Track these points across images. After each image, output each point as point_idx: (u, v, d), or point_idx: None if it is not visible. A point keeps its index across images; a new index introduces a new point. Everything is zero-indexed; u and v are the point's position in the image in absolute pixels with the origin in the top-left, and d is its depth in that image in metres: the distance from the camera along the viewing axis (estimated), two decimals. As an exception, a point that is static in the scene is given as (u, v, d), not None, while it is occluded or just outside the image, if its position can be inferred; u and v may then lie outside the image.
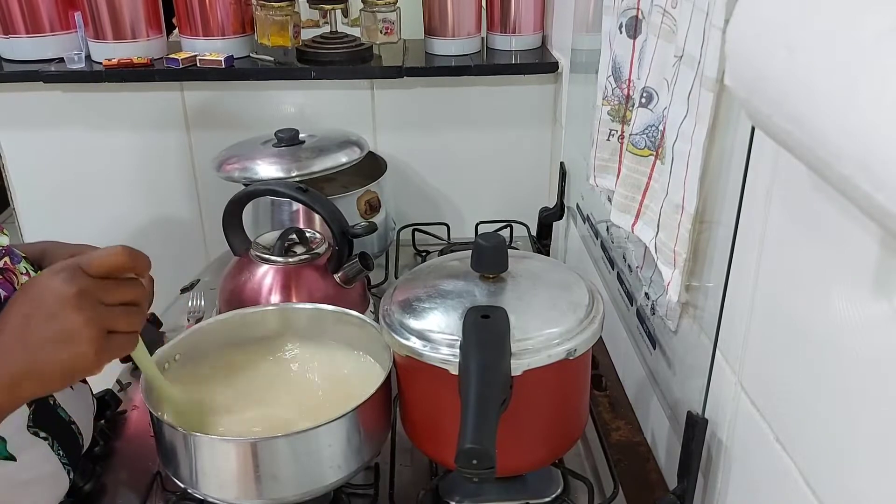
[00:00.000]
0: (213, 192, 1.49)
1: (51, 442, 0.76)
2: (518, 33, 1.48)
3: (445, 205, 1.59)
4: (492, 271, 0.78)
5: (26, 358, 0.61)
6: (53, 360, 0.61)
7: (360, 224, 1.05)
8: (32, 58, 1.43)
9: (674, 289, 0.77)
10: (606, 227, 1.09)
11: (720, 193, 0.69)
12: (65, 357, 0.60)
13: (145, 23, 1.42)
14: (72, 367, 0.61)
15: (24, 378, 0.61)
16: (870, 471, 0.49)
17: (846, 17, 0.35)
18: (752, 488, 0.66)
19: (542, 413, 0.76)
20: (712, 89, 0.66)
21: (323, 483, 0.73)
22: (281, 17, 1.41)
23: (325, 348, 0.88)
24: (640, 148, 0.84)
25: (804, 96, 0.38)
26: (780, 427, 0.60)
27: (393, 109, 1.50)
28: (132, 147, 1.51)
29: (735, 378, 0.68)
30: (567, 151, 1.38)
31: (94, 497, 0.84)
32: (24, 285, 0.64)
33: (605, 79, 0.95)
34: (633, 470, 0.90)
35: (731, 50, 0.46)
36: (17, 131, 1.49)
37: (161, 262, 0.85)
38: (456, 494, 0.81)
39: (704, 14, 0.66)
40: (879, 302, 0.46)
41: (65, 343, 0.60)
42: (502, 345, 0.69)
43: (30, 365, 0.61)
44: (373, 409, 0.75)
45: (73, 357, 0.61)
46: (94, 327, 0.61)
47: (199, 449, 0.71)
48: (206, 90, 1.47)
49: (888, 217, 0.35)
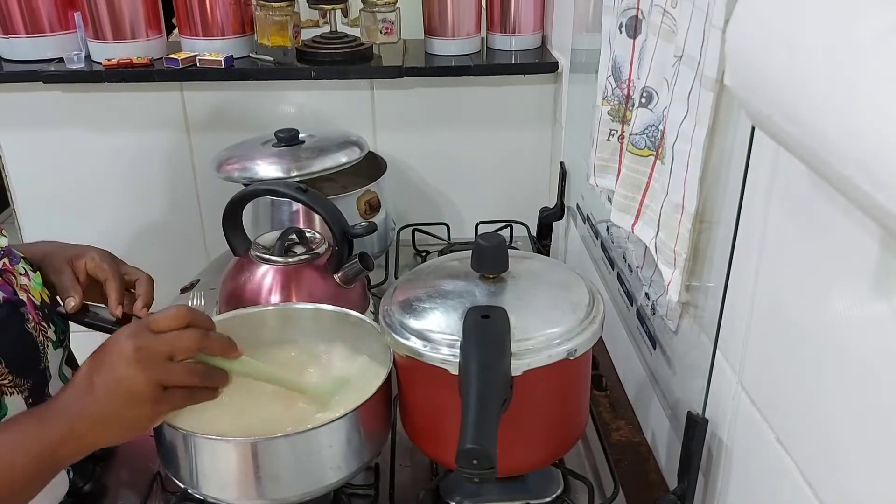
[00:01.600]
0: (213, 192, 1.49)
1: (51, 442, 0.77)
2: (518, 33, 1.48)
3: (445, 205, 1.59)
4: (492, 271, 0.78)
5: (92, 412, 0.65)
6: (117, 415, 0.65)
7: (360, 224, 1.04)
8: (32, 58, 1.43)
9: (674, 289, 0.77)
10: (606, 227, 1.09)
11: (720, 193, 0.69)
12: (128, 414, 0.66)
13: (145, 23, 1.42)
14: (134, 420, 0.66)
15: (90, 430, 0.66)
16: (870, 471, 0.49)
17: (846, 18, 0.35)
18: (753, 488, 0.66)
19: (542, 413, 0.76)
20: (712, 89, 0.66)
21: (323, 483, 0.73)
22: (281, 17, 1.41)
23: (325, 348, 0.88)
24: (640, 148, 0.84)
25: (804, 96, 0.38)
26: (780, 427, 0.60)
27: (393, 109, 1.50)
28: (132, 147, 1.51)
29: (735, 378, 0.68)
30: (567, 151, 1.38)
31: (94, 497, 0.84)
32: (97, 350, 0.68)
33: (605, 79, 0.95)
34: (633, 470, 0.90)
35: (731, 50, 0.46)
36: (17, 131, 1.49)
37: (161, 262, 0.85)
38: (456, 494, 0.81)
39: (704, 14, 0.66)
40: (879, 302, 0.46)
41: (127, 402, 0.65)
42: (502, 345, 0.69)
43: (94, 418, 0.65)
44: (373, 409, 0.75)
45: (133, 411, 0.66)
46: (151, 384, 0.65)
47: (200, 449, 0.71)
48: (205, 90, 1.47)
49: (888, 217, 0.35)
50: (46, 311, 0.80)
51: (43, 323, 0.78)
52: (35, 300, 0.78)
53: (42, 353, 0.77)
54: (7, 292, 0.74)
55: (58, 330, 0.81)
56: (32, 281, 0.80)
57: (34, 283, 0.80)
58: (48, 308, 0.80)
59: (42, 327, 0.78)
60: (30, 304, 0.77)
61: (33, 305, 0.77)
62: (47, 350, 0.78)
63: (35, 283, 0.80)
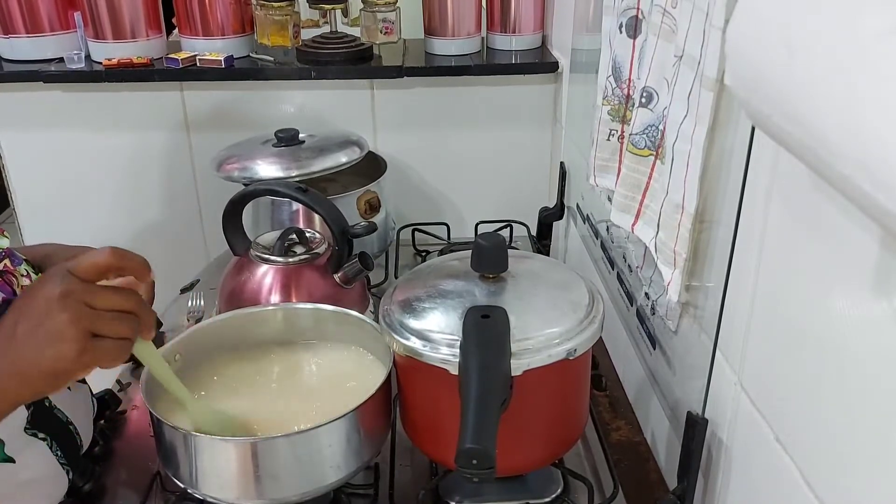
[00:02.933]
0: (213, 192, 1.49)
1: (49, 443, 0.76)
2: (518, 33, 1.48)
3: (445, 205, 1.59)
4: (492, 271, 0.78)
5: (11, 359, 0.60)
6: (36, 359, 0.60)
7: (360, 224, 1.05)
8: (32, 58, 1.43)
9: (674, 289, 0.77)
10: (606, 227, 1.09)
11: (720, 193, 0.69)
12: (47, 356, 0.59)
13: (145, 23, 1.42)
14: (53, 368, 0.60)
15: (8, 379, 0.60)
16: (870, 471, 0.49)
17: (846, 18, 0.35)
18: (753, 488, 0.66)
19: (542, 413, 0.76)
20: (712, 89, 0.66)
21: (323, 483, 0.73)
22: (281, 17, 1.41)
23: (325, 348, 0.88)
24: (640, 148, 0.84)
25: (804, 96, 0.38)
26: (780, 427, 0.60)
27: (393, 109, 1.50)
28: (132, 147, 1.51)
29: (735, 378, 0.68)
30: (567, 151, 1.38)
31: (93, 497, 0.84)
32: (20, 293, 0.63)
33: (605, 79, 0.95)
34: (633, 470, 0.90)
35: (731, 50, 0.46)
36: (17, 131, 1.49)
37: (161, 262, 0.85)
38: (456, 494, 0.81)
39: (704, 14, 0.66)
40: (879, 302, 0.46)
41: (47, 342, 0.59)
42: (502, 345, 0.69)
43: (13, 366, 0.60)
44: (373, 409, 0.75)
45: (54, 356, 0.59)
46: (77, 327, 0.59)
47: (200, 449, 0.71)
48: (205, 90, 1.47)
49: (888, 217, 0.35)
50: (46, 312, 0.79)
51: (43, 323, 0.78)
52: (35, 300, 0.78)
53: (42, 353, 0.77)
54: (7, 293, 0.74)
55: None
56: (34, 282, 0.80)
57: (34, 284, 0.80)
58: (48, 308, 0.80)
59: (42, 327, 0.77)
60: (30, 304, 0.76)
61: (33, 305, 0.77)
62: (47, 350, 0.78)
63: (35, 283, 0.80)
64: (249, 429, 0.77)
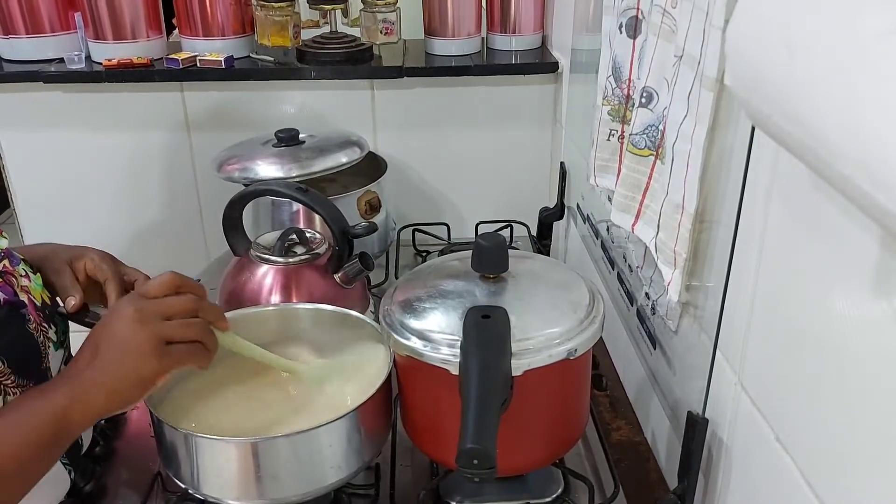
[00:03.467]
0: (213, 192, 1.49)
1: (51, 442, 0.77)
2: (518, 33, 1.48)
3: (445, 205, 1.59)
4: (492, 271, 0.78)
5: (98, 375, 0.66)
6: (121, 371, 0.67)
7: (361, 224, 1.05)
8: (32, 58, 1.43)
9: (674, 289, 0.77)
10: (606, 227, 1.09)
11: (720, 193, 0.69)
12: (131, 367, 0.67)
13: (145, 23, 1.42)
14: (140, 375, 0.67)
15: (96, 393, 0.66)
16: (870, 471, 0.49)
17: (846, 18, 0.35)
18: (753, 488, 0.66)
19: (542, 413, 0.76)
20: (712, 89, 0.66)
21: (323, 483, 0.73)
22: (281, 17, 1.41)
23: (325, 348, 0.87)
24: (640, 148, 0.84)
25: (804, 96, 0.38)
26: (780, 427, 0.60)
27: (393, 109, 1.50)
28: (132, 147, 1.51)
29: (735, 378, 0.68)
30: (567, 151, 1.38)
31: (94, 497, 0.84)
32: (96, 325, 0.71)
33: (605, 79, 0.95)
34: (633, 470, 0.90)
35: (731, 50, 0.46)
36: (17, 131, 1.49)
37: (161, 262, 0.85)
38: (457, 494, 0.81)
39: (704, 14, 0.66)
40: (879, 302, 0.46)
41: (128, 355, 0.67)
42: (503, 345, 0.69)
43: (100, 381, 0.66)
44: (373, 409, 0.75)
45: (138, 366, 0.67)
46: (153, 338, 0.67)
47: (200, 449, 0.71)
48: (206, 90, 1.47)
49: (888, 217, 0.35)
50: (47, 312, 0.80)
51: (44, 324, 0.78)
52: (36, 301, 0.78)
53: (43, 354, 0.77)
54: (8, 293, 0.74)
55: (59, 331, 0.81)
56: (33, 282, 0.80)
57: (35, 285, 0.80)
58: (49, 309, 0.80)
59: (43, 328, 0.78)
60: (31, 306, 0.77)
61: (34, 306, 0.77)
62: (48, 351, 0.78)
63: (36, 284, 0.80)
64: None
